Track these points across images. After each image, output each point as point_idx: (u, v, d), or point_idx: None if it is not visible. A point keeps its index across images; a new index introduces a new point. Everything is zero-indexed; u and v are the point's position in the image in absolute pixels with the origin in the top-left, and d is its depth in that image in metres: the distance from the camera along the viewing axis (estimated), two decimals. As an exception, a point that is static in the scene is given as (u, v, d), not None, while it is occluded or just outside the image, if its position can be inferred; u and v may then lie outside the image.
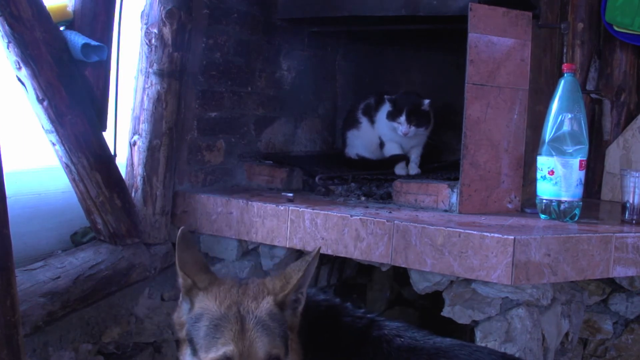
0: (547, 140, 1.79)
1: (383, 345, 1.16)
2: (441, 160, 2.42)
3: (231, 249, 2.03)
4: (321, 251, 1.82)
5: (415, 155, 2.30)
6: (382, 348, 1.16)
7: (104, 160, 1.80)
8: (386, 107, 2.27)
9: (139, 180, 1.94)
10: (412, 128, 2.19)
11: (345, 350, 1.17)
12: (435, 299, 1.82)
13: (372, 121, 2.38)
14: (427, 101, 2.22)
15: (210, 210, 1.98)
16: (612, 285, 2.16)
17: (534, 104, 1.97)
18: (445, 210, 1.88)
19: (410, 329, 1.20)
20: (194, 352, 1.10)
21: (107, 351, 1.88)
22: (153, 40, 1.90)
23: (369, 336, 1.17)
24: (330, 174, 2.20)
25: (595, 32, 2.48)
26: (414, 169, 2.26)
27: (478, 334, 1.71)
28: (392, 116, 2.22)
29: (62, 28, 1.72)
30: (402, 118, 2.19)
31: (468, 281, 1.70)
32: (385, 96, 2.25)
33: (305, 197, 2.07)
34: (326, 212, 1.79)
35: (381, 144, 2.35)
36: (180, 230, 1.21)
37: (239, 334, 1.07)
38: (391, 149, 2.31)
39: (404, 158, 2.28)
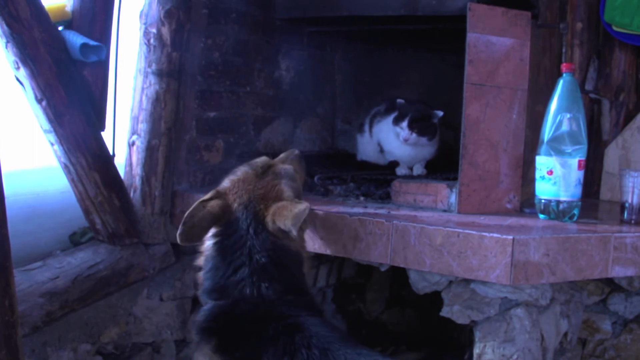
0: (546, 140, 1.78)
1: None
2: (443, 162, 2.41)
3: (230, 249, 2.03)
4: (320, 251, 1.82)
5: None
6: None
7: (102, 160, 1.80)
8: (391, 116, 2.20)
9: (137, 180, 1.94)
10: (414, 135, 2.11)
11: None
12: (435, 299, 1.82)
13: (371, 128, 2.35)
14: (438, 112, 2.13)
15: (209, 210, 1.97)
16: (611, 285, 2.16)
17: (533, 104, 1.96)
18: (444, 210, 1.88)
19: None
20: None
21: (106, 351, 1.88)
22: (152, 40, 1.90)
23: None
24: (329, 174, 2.19)
25: (595, 32, 2.48)
26: (418, 169, 2.21)
27: (477, 334, 1.71)
28: (396, 121, 2.17)
29: (60, 28, 1.72)
30: (404, 123, 2.13)
31: (467, 281, 1.70)
32: (397, 100, 2.19)
33: (304, 196, 2.07)
34: (325, 212, 1.79)
35: (381, 150, 2.32)
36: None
37: None
38: (391, 158, 2.27)
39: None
